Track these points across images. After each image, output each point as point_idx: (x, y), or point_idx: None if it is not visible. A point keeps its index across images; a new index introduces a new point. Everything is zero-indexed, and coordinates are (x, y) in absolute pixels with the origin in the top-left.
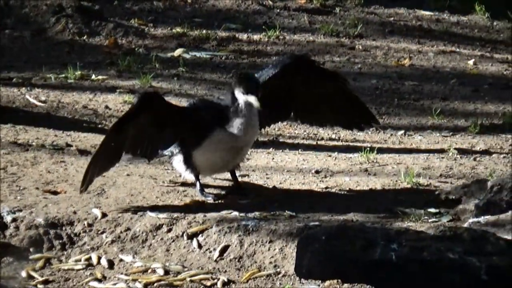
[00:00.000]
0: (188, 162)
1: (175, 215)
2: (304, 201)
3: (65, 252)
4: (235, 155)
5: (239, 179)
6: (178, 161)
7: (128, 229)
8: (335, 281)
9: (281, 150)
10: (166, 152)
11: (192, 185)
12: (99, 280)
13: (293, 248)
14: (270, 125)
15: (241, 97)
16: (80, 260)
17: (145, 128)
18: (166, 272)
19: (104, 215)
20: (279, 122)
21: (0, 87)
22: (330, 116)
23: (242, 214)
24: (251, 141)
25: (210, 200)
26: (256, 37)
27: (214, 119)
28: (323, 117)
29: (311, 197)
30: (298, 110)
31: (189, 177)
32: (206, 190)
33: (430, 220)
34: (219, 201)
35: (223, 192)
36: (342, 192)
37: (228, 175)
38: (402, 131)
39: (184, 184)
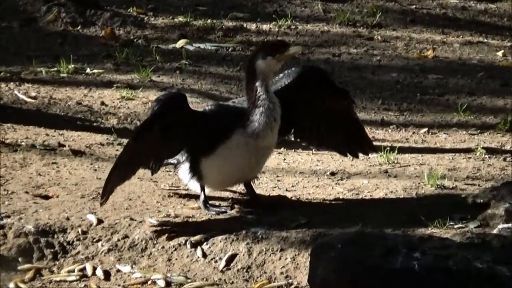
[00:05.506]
0: (195, 171)
1: (178, 221)
2: (318, 205)
3: (57, 262)
4: (252, 164)
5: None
6: (184, 169)
7: (126, 236)
8: None
9: (293, 150)
10: (172, 160)
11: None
12: None
13: (306, 257)
14: None
15: (264, 67)
16: (73, 271)
17: (155, 138)
18: (168, 284)
19: (99, 221)
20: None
21: None
22: (328, 139)
23: (250, 220)
24: (274, 140)
25: (214, 214)
26: (265, 27)
27: (232, 122)
28: (322, 139)
29: (326, 201)
30: (299, 127)
31: (194, 187)
32: (213, 201)
33: (456, 226)
34: (225, 215)
35: (234, 205)
36: (360, 196)
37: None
38: (425, 129)
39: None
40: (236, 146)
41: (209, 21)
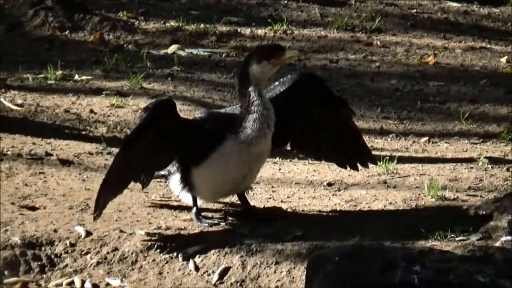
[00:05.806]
0: (186, 181)
1: (169, 233)
2: (314, 217)
3: (44, 276)
4: (245, 172)
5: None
6: (175, 181)
7: (116, 249)
8: None
9: (289, 160)
10: (163, 172)
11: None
12: None
13: (302, 271)
14: None
15: (259, 72)
16: (61, 285)
17: (145, 148)
18: None
19: (88, 233)
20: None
21: None
22: (327, 150)
23: (244, 232)
24: (268, 147)
25: (207, 226)
26: (260, 31)
27: (224, 129)
28: (320, 150)
29: (323, 213)
30: (296, 138)
31: (186, 198)
32: (206, 213)
33: (457, 239)
34: (218, 227)
35: (227, 217)
36: (358, 207)
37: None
38: (426, 138)
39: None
40: (228, 154)
41: (202, 25)
